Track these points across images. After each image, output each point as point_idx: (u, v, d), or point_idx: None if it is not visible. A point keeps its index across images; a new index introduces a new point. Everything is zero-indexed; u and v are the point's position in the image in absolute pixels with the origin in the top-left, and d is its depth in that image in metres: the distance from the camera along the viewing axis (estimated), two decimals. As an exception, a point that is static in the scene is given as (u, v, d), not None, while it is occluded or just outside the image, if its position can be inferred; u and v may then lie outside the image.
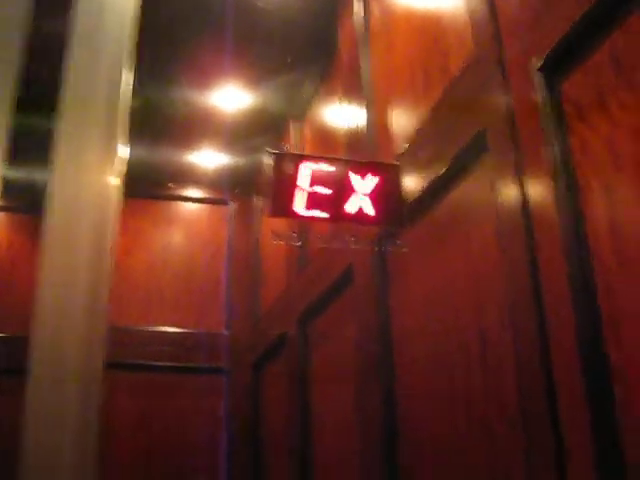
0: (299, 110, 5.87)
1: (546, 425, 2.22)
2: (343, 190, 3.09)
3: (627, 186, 2.08)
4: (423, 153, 3.29)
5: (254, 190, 7.09)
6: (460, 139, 2.97)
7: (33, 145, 3.36)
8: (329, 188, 3.07)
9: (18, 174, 6.01)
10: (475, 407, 2.77)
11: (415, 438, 3.23)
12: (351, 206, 3.09)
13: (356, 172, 3.15)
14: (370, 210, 3.11)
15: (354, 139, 4.29)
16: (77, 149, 1.66)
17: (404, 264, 3.49)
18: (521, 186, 2.49)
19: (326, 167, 3.11)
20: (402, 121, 3.73)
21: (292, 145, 5.88)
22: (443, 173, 3.09)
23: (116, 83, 1.81)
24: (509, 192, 2.57)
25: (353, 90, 4.41)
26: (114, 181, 1.69)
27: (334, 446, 4.34)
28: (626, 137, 2.10)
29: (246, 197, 7.34)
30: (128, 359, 6.55)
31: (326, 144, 5.15)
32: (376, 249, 3.50)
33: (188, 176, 7.30)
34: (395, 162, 3.36)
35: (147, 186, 7.35)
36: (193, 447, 6.54)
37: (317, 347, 4.89)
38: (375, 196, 3.12)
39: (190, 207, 7.61)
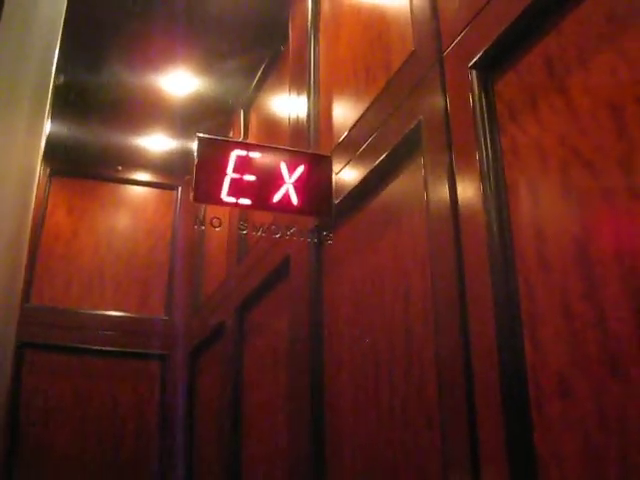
0: (248, 97, 5.84)
1: (462, 421, 2.24)
2: (271, 178, 3.08)
3: (551, 189, 2.11)
4: (360, 146, 3.29)
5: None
6: (396, 134, 2.98)
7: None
8: (255, 176, 3.06)
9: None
10: (397, 401, 2.78)
11: (341, 428, 3.24)
12: (277, 195, 3.08)
13: (286, 161, 3.15)
14: (295, 199, 3.10)
15: (297, 129, 4.28)
16: (3, 127, 1.63)
17: (338, 258, 3.50)
18: (451, 183, 2.50)
19: (255, 154, 3.10)
20: (343, 113, 3.73)
21: (238, 133, 5.87)
22: (378, 167, 3.10)
23: (47, 63, 1.77)
24: (439, 189, 2.58)
25: (299, 81, 4.40)
26: (37, 160, 1.66)
27: (263, 435, 4.34)
28: (553, 140, 2.12)
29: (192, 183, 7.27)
30: (66, 342, 6.49)
31: (271, 132, 5.14)
32: (308, 241, 3.49)
33: (137, 160, 7.24)
34: (327, 154, 3.36)
35: (96, 168, 7.29)
36: (128, 431, 6.51)
37: (252, 337, 4.89)
38: (301, 185, 3.12)
39: (138, 191, 7.55)
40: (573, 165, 2.02)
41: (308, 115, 4.10)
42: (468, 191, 2.41)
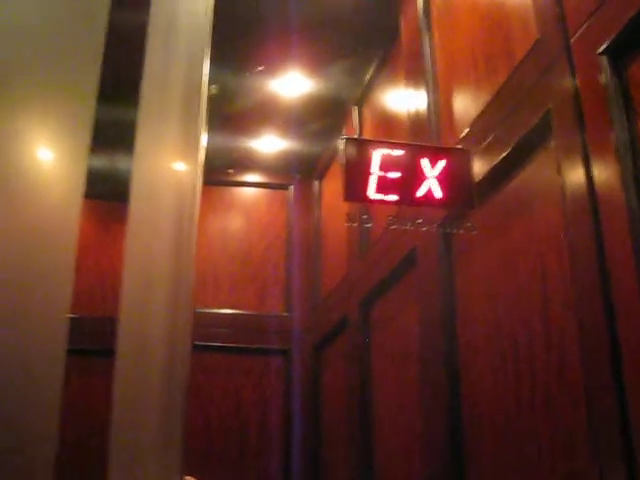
0: (360, 95, 5.90)
1: (610, 401, 2.25)
2: (412, 174, 3.15)
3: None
4: (486, 137, 3.32)
5: (314, 175, 7.16)
6: (524, 123, 2.99)
7: (116, 134, 3.49)
8: (398, 172, 3.15)
9: (101, 162, 6.20)
10: (539, 385, 2.80)
11: (479, 418, 3.27)
12: (420, 189, 3.15)
13: (425, 156, 3.21)
14: (438, 193, 3.17)
15: (416, 124, 4.32)
16: (157, 137, 1.74)
17: (469, 248, 3.53)
18: (587, 169, 2.51)
19: (396, 152, 3.18)
20: (464, 106, 3.75)
21: (353, 130, 5.93)
22: (507, 156, 3.12)
23: (196, 71, 1.87)
24: (575, 175, 2.59)
25: (415, 75, 4.44)
26: (194, 168, 1.77)
27: (395, 428, 4.40)
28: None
29: (306, 182, 7.41)
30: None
31: (387, 129, 5.19)
32: (442, 232, 3.54)
33: (248, 162, 7.39)
34: (464, 148, 3.41)
35: (207, 172, 7.47)
36: (252, 428, 6.67)
37: (378, 330, 4.94)
38: (443, 179, 3.18)
39: (249, 192, 7.71)
40: None
41: (428, 108, 4.14)
42: (605, 175, 2.41)
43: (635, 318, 2.19)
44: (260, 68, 6.13)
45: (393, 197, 3.15)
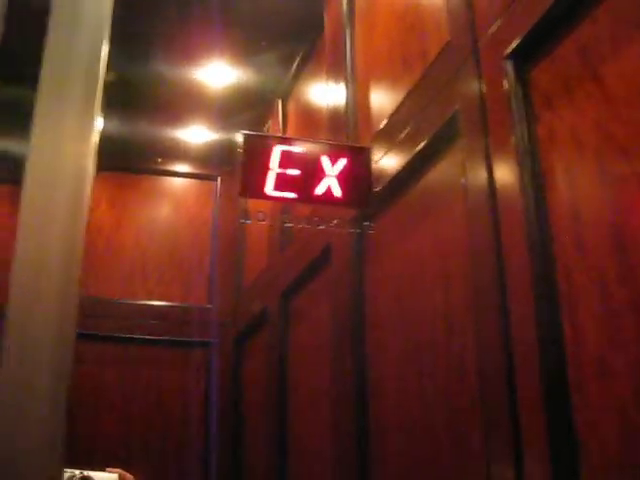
0: (286, 88, 5.90)
1: (504, 404, 2.30)
2: (313, 172, 3.16)
3: (587, 174, 2.15)
4: (399, 135, 3.35)
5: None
6: (434, 123, 3.03)
7: (13, 117, 3.41)
8: (299, 169, 3.14)
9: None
10: (440, 384, 2.85)
11: (384, 412, 3.31)
12: (320, 188, 3.16)
13: (328, 154, 3.22)
14: (337, 191, 3.18)
15: (334, 118, 4.34)
16: (55, 121, 1.69)
17: (379, 245, 3.57)
18: (489, 170, 2.56)
19: (298, 149, 3.18)
20: (380, 102, 3.79)
21: (277, 123, 5.94)
22: (417, 155, 3.16)
23: (95, 56, 1.83)
24: (477, 176, 2.63)
25: (335, 70, 4.46)
26: (89, 154, 1.74)
27: (310, 415, 4.44)
28: (589, 126, 2.17)
29: (233, 174, 7.36)
30: (111, 331, 6.63)
31: (309, 123, 5.21)
32: (350, 231, 3.57)
33: (177, 151, 7.32)
34: (367, 145, 3.42)
35: (136, 161, 7.40)
36: (174, 419, 6.63)
37: (296, 323, 4.97)
38: (343, 177, 3.19)
39: (178, 182, 7.64)
40: (608, 151, 2.07)
41: (346, 104, 4.16)
42: (505, 177, 2.46)
43: (526, 320, 2.24)
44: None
45: (291, 195, 3.15)
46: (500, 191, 2.49)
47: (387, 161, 3.44)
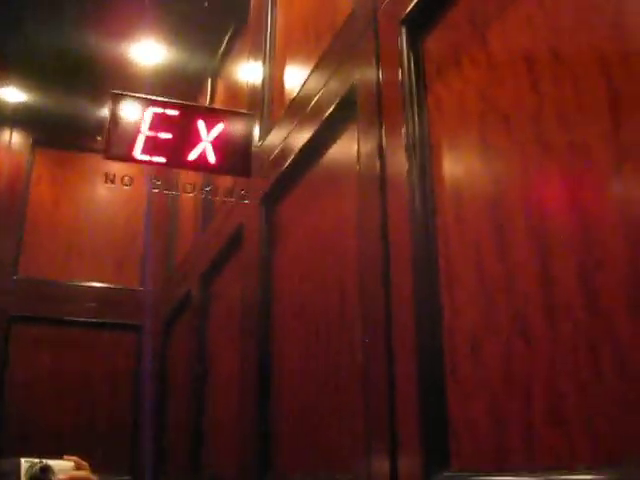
0: (215, 66, 5.78)
1: (383, 382, 2.20)
2: (187, 136, 3.00)
3: (470, 145, 2.05)
4: (304, 110, 3.23)
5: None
6: (334, 97, 2.91)
7: None
8: (172, 134, 2.98)
9: None
10: (332, 362, 2.76)
11: (284, 389, 3.24)
12: (193, 153, 3.01)
13: (204, 119, 3.07)
14: (212, 158, 3.03)
15: (253, 94, 4.21)
16: None
17: (286, 224, 3.46)
18: (379, 141, 2.45)
19: (172, 112, 3.02)
20: (293, 77, 3.66)
21: (204, 102, 5.80)
22: (319, 131, 3.03)
23: None
24: (370, 151, 2.52)
25: (257, 46, 4.33)
26: None
27: (222, 397, 4.36)
28: (474, 94, 2.06)
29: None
30: (47, 313, 6.49)
31: (235, 100, 5.06)
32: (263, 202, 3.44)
33: (115, 130, 7.13)
34: (246, 111, 3.27)
35: (75, 138, 7.22)
36: (105, 402, 6.55)
37: (216, 304, 4.85)
38: (219, 143, 3.04)
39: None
40: (491, 120, 1.96)
41: (263, 81, 4.03)
42: (395, 152, 2.35)
43: (405, 294, 2.14)
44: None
45: (160, 159, 2.99)
46: (389, 166, 2.37)
47: (294, 138, 3.32)
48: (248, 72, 4.53)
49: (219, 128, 3.04)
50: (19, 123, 6.96)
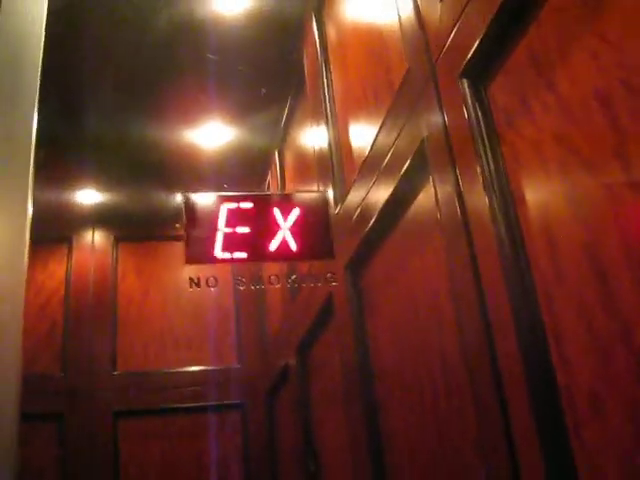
0: (280, 139, 5.81)
1: (502, 450, 2.10)
2: (265, 227, 2.98)
3: (555, 192, 1.96)
4: (378, 169, 3.18)
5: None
6: (404, 156, 2.86)
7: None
8: (249, 227, 2.96)
9: None
10: (443, 427, 2.66)
11: (395, 448, 3.13)
12: (274, 243, 2.98)
13: (279, 206, 3.05)
14: (293, 245, 3.00)
15: (320, 161, 4.20)
16: None
17: (374, 290, 3.39)
18: (459, 199, 2.38)
19: (245, 205, 3.01)
20: (359, 139, 3.63)
21: (275, 177, 5.84)
22: (395, 191, 2.98)
23: (27, 132, 1.74)
24: (450, 206, 2.45)
25: (318, 113, 4.34)
26: (25, 227, 1.64)
27: (333, 463, 4.25)
28: (550, 139, 1.98)
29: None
30: (150, 405, 6.56)
31: (303, 170, 5.08)
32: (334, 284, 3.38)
33: (190, 215, 7.24)
34: (320, 190, 3.25)
35: (155, 229, 7.36)
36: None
37: (315, 376, 4.79)
38: (297, 229, 3.01)
39: (197, 246, 7.55)
40: (572, 164, 1.88)
41: (329, 145, 4.02)
42: (476, 205, 2.28)
43: (510, 345, 2.04)
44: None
45: (242, 254, 2.96)
46: (472, 221, 2.30)
47: (371, 198, 3.27)
48: (313, 139, 4.54)
49: (295, 213, 3.02)
50: (99, 222, 7.13)
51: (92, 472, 6.16)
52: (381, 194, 3.16)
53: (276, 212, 3.01)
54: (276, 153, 5.91)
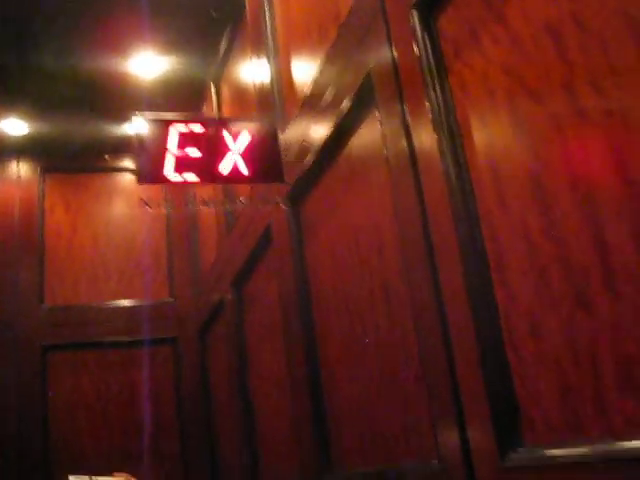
0: (216, 70, 5.74)
1: (443, 370, 2.20)
2: (216, 151, 2.99)
3: (501, 123, 2.03)
4: (319, 104, 3.21)
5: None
6: (350, 88, 2.89)
7: None
8: (200, 150, 2.97)
9: None
10: (384, 353, 2.76)
11: (334, 382, 3.25)
12: (225, 167, 3.00)
13: (229, 131, 3.05)
14: (244, 169, 3.02)
15: (261, 95, 4.19)
16: None
17: (314, 220, 3.45)
18: (407, 132, 2.43)
19: (196, 127, 3.01)
20: (302, 72, 3.64)
21: (211, 108, 5.79)
22: (339, 123, 3.01)
23: None
24: (396, 140, 2.50)
25: (259, 45, 4.31)
26: None
27: (270, 397, 4.37)
28: (498, 71, 2.04)
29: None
30: (81, 339, 6.50)
31: (242, 102, 5.05)
32: (285, 207, 3.43)
33: (122, 147, 7.13)
34: (268, 115, 3.27)
35: (84, 160, 7.21)
36: (150, 417, 6.52)
37: (250, 308, 4.85)
38: (248, 154, 3.03)
39: (128, 177, 7.45)
40: (519, 95, 1.94)
41: (271, 79, 4.01)
42: (423, 138, 2.33)
43: (456, 283, 2.13)
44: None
45: (193, 177, 2.98)
46: (419, 153, 2.36)
47: (314, 132, 3.30)
48: (252, 73, 4.51)
49: (245, 137, 3.03)
50: (25, 152, 6.95)
51: (21, 407, 6.13)
52: (322, 129, 3.19)
53: (226, 136, 3.01)
54: (212, 85, 5.84)
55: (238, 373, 4.93)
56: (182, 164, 2.92)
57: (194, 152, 2.95)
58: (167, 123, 3.01)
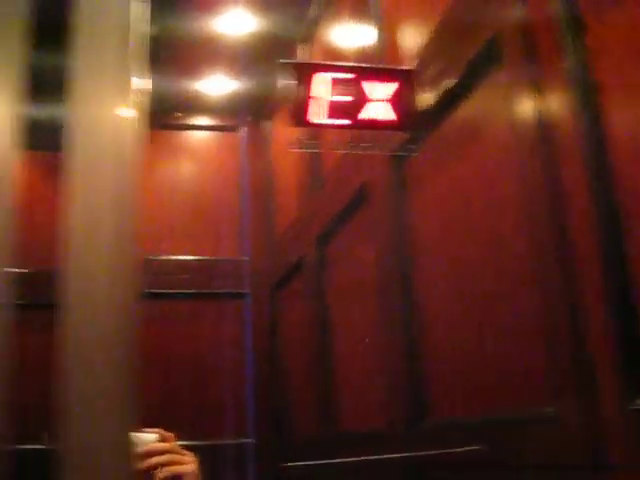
0: (306, 32, 5.76)
1: (566, 313, 2.25)
2: (361, 97, 3.11)
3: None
4: (433, 68, 3.25)
5: (265, 116, 7.02)
6: (470, 51, 2.93)
7: (50, 82, 3.38)
8: (349, 95, 3.11)
9: (36, 112, 6.04)
10: (493, 315, 2.80)
11: (438, 351, 3.29)
12: (370, 112, 3.12)
13: (373, 79, 3.16)
14: (391, 115, 3.13)
15: (362, 60, 4.23)
16: (91, 84, 1.66)
17: (420, 177, 3.49)
18: (537, 94, 2.47)
19: (342, 75, 3.13)
20: (410, 38, 3.68)
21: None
22: (454, 86, 3.06)
23: (126, 14, 1.78)
24: (525, 101, 2.54)
25: (359, 10, 4.34)
26: (132, 113, 1.69)
27: (355, 360, 4.43)
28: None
29: (257, 123, 7.28)
30: (147, 288, 6.62)
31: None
32: (394, 161, 3.49)
33: (196, 104, 7.21)
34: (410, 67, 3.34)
35: (155, 117, 7.29)
36: (216, 373, 6.65)
37: (334, 267, 4.92)
38: (394, 101, 3.14)
39: (199, 135, 7.56)
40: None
41: (374, 44, 4.05)
42: (556, 99, 2.37)
43: (588, 242, 2.18)
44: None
45: (344, 121, 3.11)
46: (552, 112, 2.40)
47: (422, 97, 3.34)
48: (350, 37, 4.54)
49: (390, 86, 3.14)
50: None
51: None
52: (438, 89, 3.22)
53: (372, 84, 3.12)
54: (300, 46, 5.87)
55: (317, 331, 5.01)
56: (332, 109, 3.05)
57: (342, 98, 3.09)
58: (314, 69, 3.13)
